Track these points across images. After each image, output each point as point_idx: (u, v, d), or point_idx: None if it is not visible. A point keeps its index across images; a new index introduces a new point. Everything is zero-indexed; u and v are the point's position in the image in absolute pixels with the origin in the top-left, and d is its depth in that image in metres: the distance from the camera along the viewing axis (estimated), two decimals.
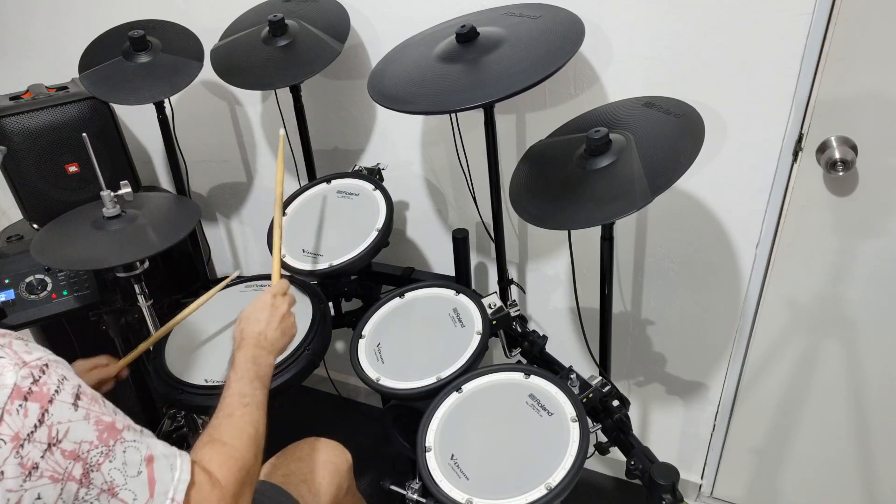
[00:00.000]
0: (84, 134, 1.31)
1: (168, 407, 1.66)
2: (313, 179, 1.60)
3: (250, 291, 1.51)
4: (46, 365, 0.65)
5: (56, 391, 0.64)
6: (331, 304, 1.58)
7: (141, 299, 1.40)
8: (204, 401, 1.27)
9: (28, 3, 1.90)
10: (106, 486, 0.67)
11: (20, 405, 0.61)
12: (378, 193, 1.47)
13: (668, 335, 1.58)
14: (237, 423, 0.90)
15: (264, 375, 0.99)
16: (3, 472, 0.59)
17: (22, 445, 0.60)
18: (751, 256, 1.39)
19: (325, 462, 1.17)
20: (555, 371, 1.25)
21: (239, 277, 1.46)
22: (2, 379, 0.61)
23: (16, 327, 1.56)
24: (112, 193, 1.39)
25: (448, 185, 1.66)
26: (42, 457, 0.62)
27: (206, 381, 1.28)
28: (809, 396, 1.48)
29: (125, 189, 1.40)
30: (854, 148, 1.18)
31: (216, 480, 0.81)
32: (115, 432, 0.69)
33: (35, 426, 0.62)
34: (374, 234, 1.39)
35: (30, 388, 0.62)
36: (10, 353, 0.64)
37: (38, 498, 0.62)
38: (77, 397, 0.66)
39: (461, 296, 1.35)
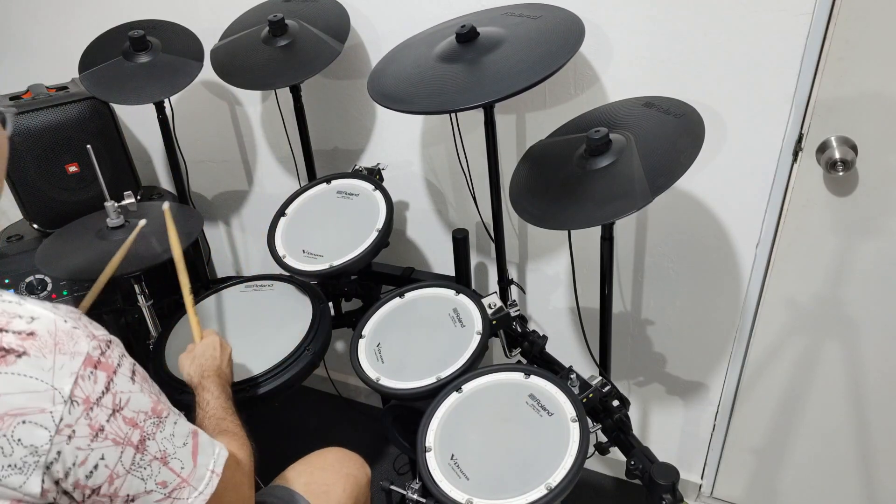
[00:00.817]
0: (88, 146, 1.32)
1: None
2: (313, 179, 1.60)
3: (250, 291, 1.51)
4: (110, 341, 0.72)
5: (119, 364, 0.71)
6: (331, 304, 1.58)
7: (141, 299, 1.40)
8: None
9: (29, 3, 1.90)
10: (159, 455, 0.74)
11: (91, 372, 0.67)
12: (378, 193, 1.47)
13: (668, 335, 1.58)
14: (232, 421, 1.02)
15: (232, 400, 1.09)
16: (74, 431, 0.65)
17: (91, 408, 0.66)
18: (751, 256, 1.39)
19: (348, 475, 1.18)
20: (555, 371, 1.25)
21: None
22: (77, 346, 0.67)
23: None
24: (116, 204, 1.40)
25: (448, 185, 1.66)
26: (107, 420, 0.68)
27: None
28: (809, 396, 1.47)
29: (129, 199, 1.41)
30: (854, 148, 1.18)
31: (238, 460, 0.91)
32: (164, 408, 0.76)
33: (103, 392, 0.68)
34: (374, 234, 1.39)
35: (98, 359, 0.68)
36: (82, 325, 0.70)
37: (102, 458, 0.68)
38: (133, 373, 0.73)
39: (461, 296, 1.35)
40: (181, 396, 1.27)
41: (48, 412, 0.64)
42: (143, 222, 1.34)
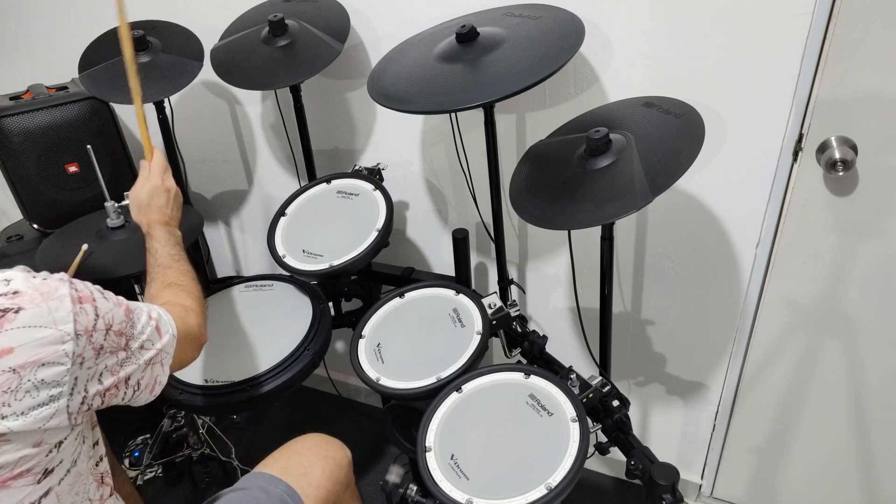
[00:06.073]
0: (88, 146, 1.32)
1: (168, 407, 1.67)
2: (313, 179, 1.60)
3: (250, 291, 1.51)
4: (63, 278, 0.79)
5: (91, 293, 0.80)
6: (331, 304, 1.58)
7: (141, 299, 1.40)
8: (204, 401, 1.28)
9: (29, 3, 1.90)
10: (139, 344, 0.86)
11: (80, 308, 0.77)
12: (378, 193, 1.47)
13: (668, 335, 1.58)
14: (178, 269, 1.11)
15: (180, 244, 1.18)
16: (83, 357, 0.76)
17: (92, 335, 0.77)
18: (751, 256, 1.39)
19: (326, 457, 1.18)
20: (555, 371, 1.25)
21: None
22: (59, 292, 0.76)
23: None
24: (116, 204, 1.40)
25: (448, 185, 1.66)
26: (104, 339, 0.80)
27: (207, 381, 1.29)
28: (809, 396, 1.48)
29: (129, 200, 1.41)
30: (854, 148, 1.18)
31: (189, 308, 1.02)
32: (129, 310, 0.86)
33: (95, 318, 0.78)
34: (374, 234, 1.40)
35: (78, 295, 0.77)
36: (46, 276, 0.77)
37: (106, 368, 0.81)
38: (102, 292, 0.82)
39: (461, 296, 1.35)
40: (182, 397, 1.28)
41: (61, 350, 0.74)
42: (85, 247, 1.36)
